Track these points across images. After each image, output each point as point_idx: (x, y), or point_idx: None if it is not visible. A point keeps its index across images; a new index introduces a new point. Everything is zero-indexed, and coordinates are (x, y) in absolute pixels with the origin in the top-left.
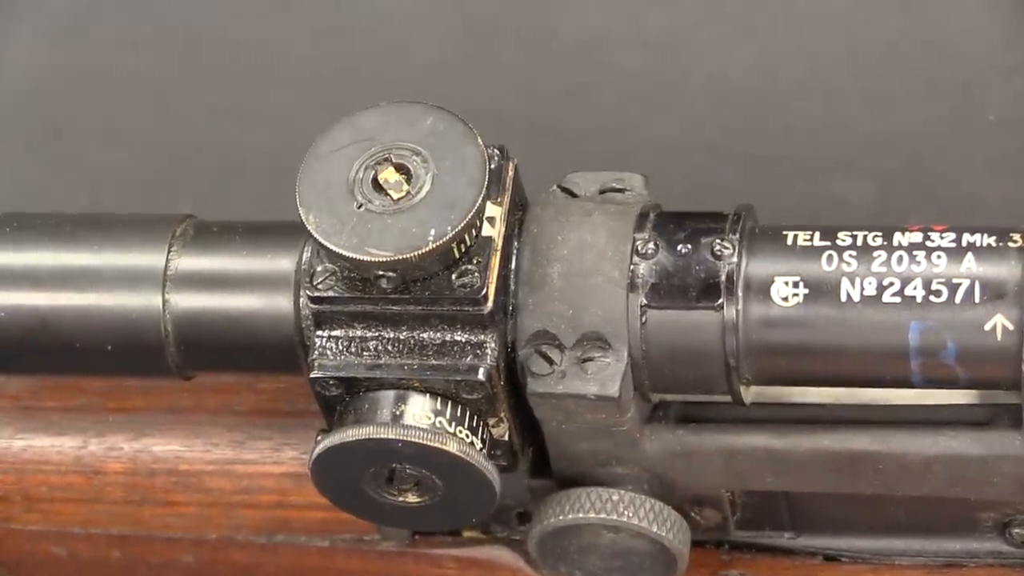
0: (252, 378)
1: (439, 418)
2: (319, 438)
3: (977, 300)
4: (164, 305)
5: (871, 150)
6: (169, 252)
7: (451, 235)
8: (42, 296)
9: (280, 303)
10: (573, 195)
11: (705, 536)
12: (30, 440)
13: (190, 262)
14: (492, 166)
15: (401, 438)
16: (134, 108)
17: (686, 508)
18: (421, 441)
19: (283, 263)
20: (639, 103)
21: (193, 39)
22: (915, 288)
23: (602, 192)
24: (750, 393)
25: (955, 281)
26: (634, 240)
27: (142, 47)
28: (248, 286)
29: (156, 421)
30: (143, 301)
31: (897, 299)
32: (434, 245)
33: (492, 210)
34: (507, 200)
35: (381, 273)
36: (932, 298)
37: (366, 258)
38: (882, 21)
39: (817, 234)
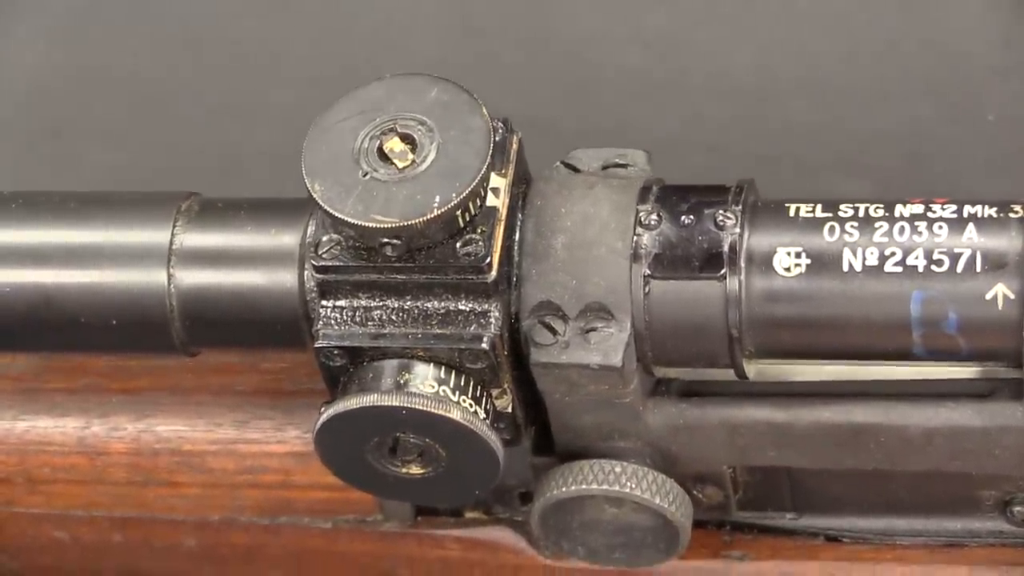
0: (255, 357)
1: (443, 387)
2: (323, 408)
3: (978, 270)
4: (169, 281)
5: (871, 149)
6: (174, 228)
7: (456, 202)
8: (47, 273)
9: (285, 278)
10: (576, 171)
11: (707, 515)
12: (32, 421)
13: (195, 238)
14: (496, 138)
15: (405, 405)
16: (134, 108)
17: (688, 485)
18: (425, 408)
19: (287, 238)
20: (639, 103)
21: (193, 39)
22: (917, 258)
23: (605, 168)
24: (752, 367)
25: (956, 251)
26: (637, 212)
27: (142, 47)
28: (252, 261)
29: (159, 401)
30: (148, 277)
31: (899, 269)
32: (439, 212)
33: (496, 181)
34: (511, 172)
35: (386, 240)
36: (934, 268)
37: (371, 224)
38: (882, 21)
39: (819, 206)
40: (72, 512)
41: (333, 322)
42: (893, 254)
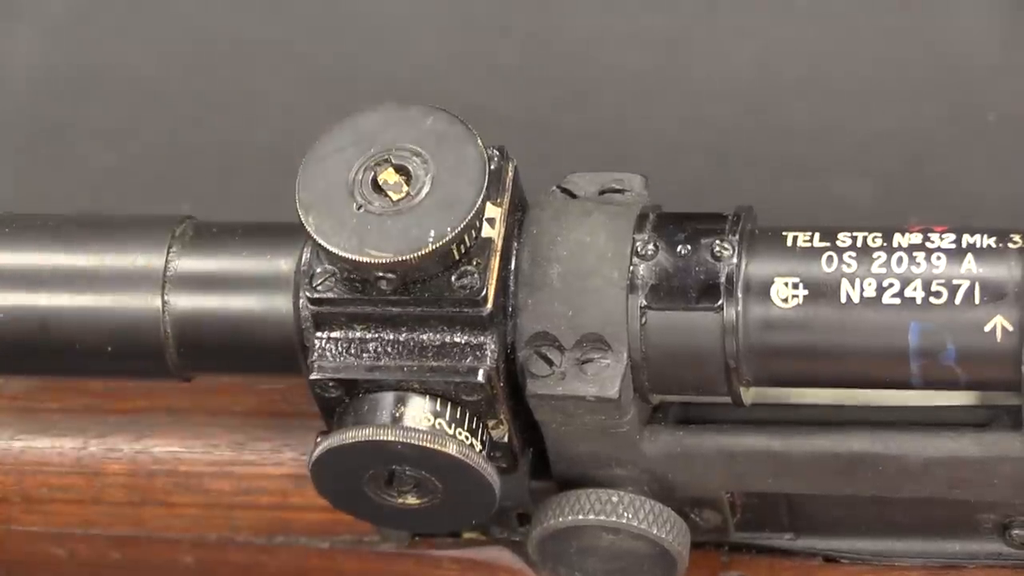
0: (252, 379)
1: (438, 419)
2: (319, 439)
3: (977, 301)
4: (163, 306)
5: (871, 150)
6: (168, 253)
7: (451, 236)
8: (41, 297)
9: (279, 304)
10: (572, 196)
11: (705, 537)
12: (30, 441)
13: (189, 263)
14: (492, 167)
15: (400, 440)
16: (134, 108)
17: (686, 510)
18: (421, 443)
19: (282, 264)
20: (639, 103)
21: (193, 39)
22: (915, 289)
23: (601, 193)
24: (750, 395)
25: (955, 282)
26: (634, 241)
27: (142, 47)
28: (247, 287)
29: (156, 422)
30: (142, 303)
31: (897, 300)
32: (434, 247)
33: (492, 211)
34: (507, 201)
35: (381, 275)
36: (932, 299)
37: (365, 259)
38: (882, 21)
39: (817, 235)
40: (69, 530)
41: (328, 354)
42: (891, 285)
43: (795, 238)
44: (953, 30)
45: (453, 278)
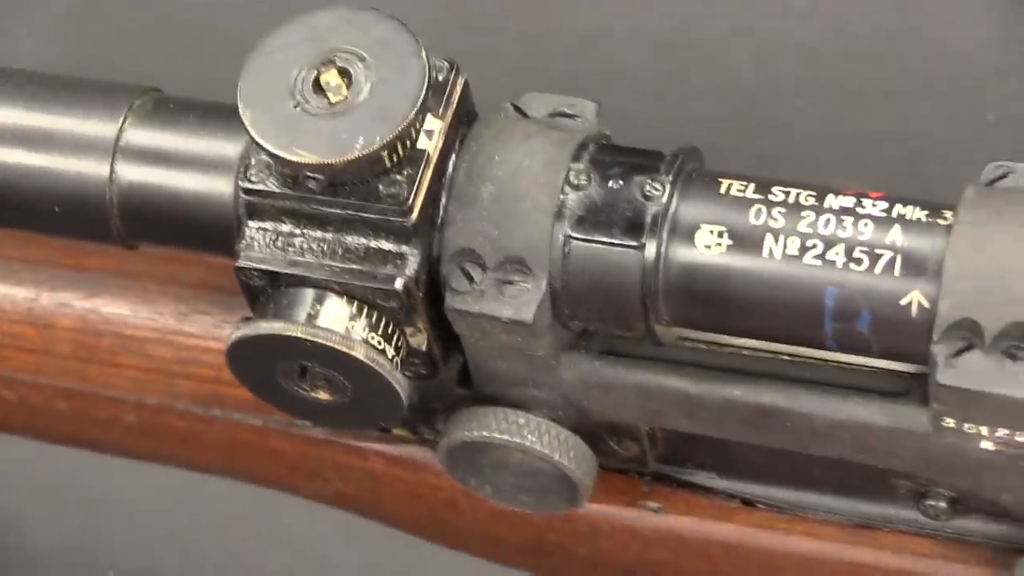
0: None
1: (352, 323)
2: (238, 325)
3: (896, 273)
4: (111, 175)
5: (871, 149)
6: (123, 123)
7: (379, 145)
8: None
9: (221, 186)
10: (524, 115)
11: (623, 465)
12: None
13: (141, 135)
14: (440, 78)
15: (310, 338)
16: None
17: (604, 436)
18: (329, 344)
19: (230, 148)
20: (638, 101)
21: (193, 38)
22: (837, 253)
23: (552, 115)
24: (672, 332)
25: (877, 251)
26: (568, 169)
27: (142, 47)
28: (193, 166)
29: (107, 283)
30: (91, 168)
31: (818, 262)
32: (360, 153)
33: (432, 123)
34: (450, 114)
35: (309, 174)
36: (852, 265)
37: (293, 158)
38: (881, 20)
39: (752, 186)
40: (19, 376)
41: (256, 244)
42: (814, 246)
43: (729, 186)
44: (953, 30)
45: (382, 186)
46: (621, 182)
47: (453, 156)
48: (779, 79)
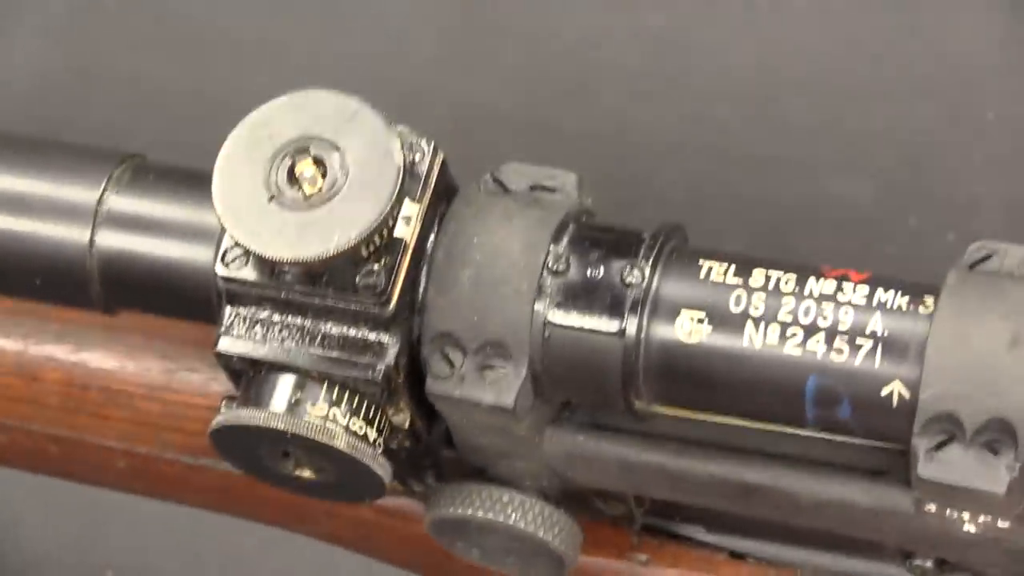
0: None
1: (334, 408)
2: (221, 407)
3: (877, 364)
4: (91, 242)
5: (871, 150)
6: (104, 191)
7: (354, 243)
8: None
9: (203, 257)
10: (504, 188)
11: (612, 521)
12: None
13: (123, 203)
14: (417, 159)
15: (291, 430)
16: (134, 108)
17: (590, 498)
18: (309, 435)
19: (211, 217)
20: (639, 103)
21: (194, 39)
22: (818, 342)
23: (532, 188)
24: (652, 410)
25: (858, 341)
26: (548, 253)
27: (143, 47)
28: (174, 235)
29: (94, 337)
30: (72, 235)
31: (798, 351)
32: (335, 252)
33: (409, 209)
34: (427, 197)
35: (286, 268)
36: (833, 355)
37: (268, 254)
38: (881, 20)
39: (732, 268)
40: (9, 422)
41: (234, 330)
42: (795, 335)
43: (710, 270)
44: (953, 30)
45: (359, 277)
46: (601, 267)
47: (432, 236)
48: (779, 80)
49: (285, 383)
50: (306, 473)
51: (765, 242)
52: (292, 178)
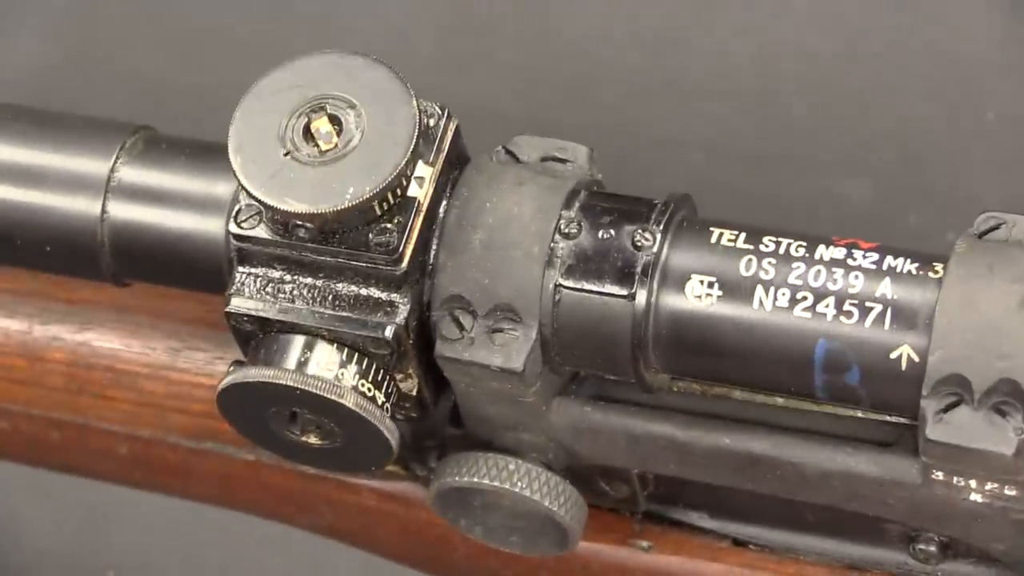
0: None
1: (343, 369)
2: (230, 369)
3: (886, 327)
4: (103, 213)
5: (871, 149)
6: (115, 162)
7: (368, 196)
8: None
9: (213, 227)
10: (516, 158)
11: (615, 505)
12: None
13: (134, 174)
14: (431, 124)
15: (300, 386)
16: (134, 108)
17: (595, 478)
18: (319, 392)
19: (221, 188)
20: (638, 102)
21: (194, 38)
22: (827, 305)
23: (543, 159)
24: (661, 379)
25: (868, 304)
26: (559, 217)
27: (142, 46)
28: (185, 206)
29: (100, 317)
30: (83, 207)
31: (808, 315)
32: (349, 204)
33: (423, 170)
34: (441, 161)
35: (299, 223)
36: (843, 318)
37: (283, 207)
38: (881, 20)
39: (743, 236)
40: (12, 407)
41: (246, 289)
42: (805, 298)
43: (720, 235)
44: (953, 30)
45: (372, 234)
46: (612, 231)
47: (444, 201)
48: (779, 79)
49: (295, 343)
50: (312, 439)
51: None
52: (308, 134)
